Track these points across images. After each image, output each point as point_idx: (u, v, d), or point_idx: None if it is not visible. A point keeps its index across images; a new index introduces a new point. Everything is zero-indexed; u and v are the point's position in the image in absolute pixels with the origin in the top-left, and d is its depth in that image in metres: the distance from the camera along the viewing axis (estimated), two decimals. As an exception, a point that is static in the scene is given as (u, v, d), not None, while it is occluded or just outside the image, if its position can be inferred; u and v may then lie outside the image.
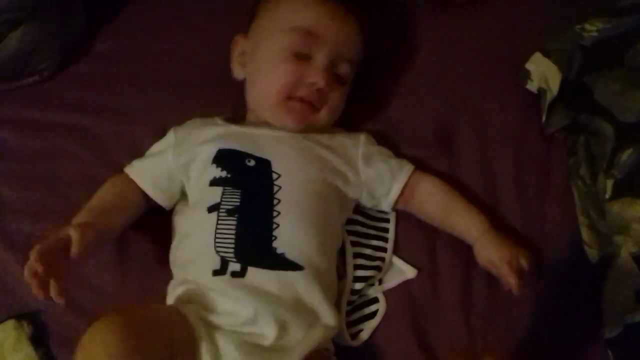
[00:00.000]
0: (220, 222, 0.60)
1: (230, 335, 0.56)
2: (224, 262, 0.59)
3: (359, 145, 0.69)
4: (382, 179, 0.68)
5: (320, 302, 0.60)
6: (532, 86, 0.77)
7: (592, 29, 0.75)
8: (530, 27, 0.81)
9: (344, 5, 0.68)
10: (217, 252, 0.59)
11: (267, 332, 0.57)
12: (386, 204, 0.70)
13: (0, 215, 0.68)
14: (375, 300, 0.68)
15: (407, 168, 0.70)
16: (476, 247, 0.66)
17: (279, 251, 0.60)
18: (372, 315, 0.67)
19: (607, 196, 0.69)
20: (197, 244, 0.61)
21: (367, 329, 0.66)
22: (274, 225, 0.60)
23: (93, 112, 0.75)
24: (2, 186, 0.70)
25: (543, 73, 0.76)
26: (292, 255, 0.60)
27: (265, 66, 0.67)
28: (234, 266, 0.59)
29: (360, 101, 0.75)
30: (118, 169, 0.70)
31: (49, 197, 0.70)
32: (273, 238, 0.60)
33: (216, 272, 0.59)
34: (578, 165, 0.74)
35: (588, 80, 0.73)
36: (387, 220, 0.72)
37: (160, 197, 0.66)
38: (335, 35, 0.67)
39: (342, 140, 0.70)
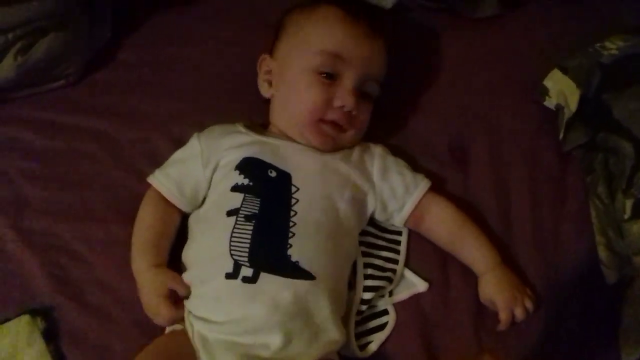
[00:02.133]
0: (237, 226, 0.61)
1: (230, 348, 0.57)
2: (237, 266, 0.59)
3: (374, 158, 0.70)
4: (395, 194, 0.68)
5: (327, 317, 0.60)
6: (550, 103, 0.77)
7: (612, 47, 0.75)
8: (548, 45, 0.81)
9: (369, 26, 0.70)
10: (232, 255, 0.60)
11: (272, 342, 0.57)
12: (398, 220, 0.69)
13: (21, 213, 0.70)
14: (385, 312, 0.67)
15: (422, 185, 0.69)
16: (481, 283, 0.67)
17: (293, 259, 0.60)
18: (382, 327, 0.66)
19: (626, 216, 0.68)
20: (212, 245, 0.61)
21: (376, 341, 0.65)
22: (290, 234, 0.61)
23: (113, 117, 0.77)
24: (24, 185, 0.71)
25: (561, 90, 0.75)
26: (305, 264, 0.60)
27: (295, 87, 0.68)
28: (246, 271, 0.59)
29: (376, 114, 0.75)
30: (135, 172, 0.72)
31: (67, 197, 0.71)
32: (288, 246, 0.60)
33: (229, 276, 0.59)
34: (595, 184, 0.73)
35: (607, 98, 0.73)
36: (399, 233, 0.71)
37: (186, 206, 0.66)
38: (361, 57, 0.68)
39: (358, 153, 0.70)
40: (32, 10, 0.72)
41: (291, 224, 0.61)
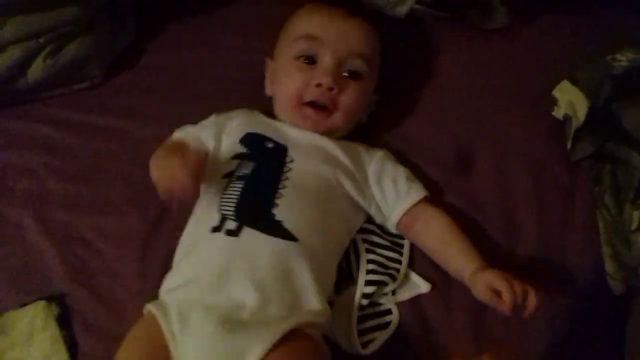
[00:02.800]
0: (229, 186, 0.64)
1: (207, 315, 0.56)
2: (223, 219, 0.62)
3: (372, 161, 0.71)
4: (386, 200, 0.69)
5: (308, 285, 0.60)
6: (559, 113, 0.77)
7: (623, 59, 0.75)
8: (558, 56, 0.81)
9: (346, 8, 0.72)
10: (220, 209, 0.63)
11: (247, 299, 0.57)
12: (390, 225, 0.70)
13: (43, 204, 0.73)
14: (388, 312, 0.68)
15: (414, 195, 0.69)
16: (472, 280, 0.63)
17: (277, 217, 0.62)
18: (385, 326, 0.67)
19: (633, 227, 0.68)
20: (204, 203, 0.65)
21: (379, 339, 0.66)
22: (278, 195, 0.63)
23: (134, 118, 0.80)
24: (46, 178, 0.75)
25: (570, 100, 0.75)
26: (289, 225, 0.61)
27: (279, 77, 0.72)
28: (231, 224, 0.61)
29: (382, 119, 0.77)
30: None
31: (87, 191, 0.75)
32: (274, 205, 0.62)
33: (214, 229, 0.61)
34: (603, 195, 0.72)
35: (616, 108, 0.72)
36: (402, 236, 0.72)
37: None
38: (337, 35, 0.70)
39: (359, 151, 0.72)
40: (62, 15, 0.77)
41: (281, 186, 0.64)
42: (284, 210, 0.62)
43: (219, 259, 0.60)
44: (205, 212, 0.64)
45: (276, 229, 0.61)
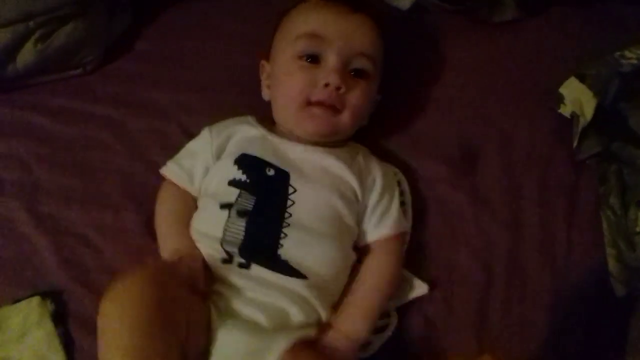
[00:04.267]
0: (230, 221, 0.62)
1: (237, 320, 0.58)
2: (230, 256, 0.61)
3: (375, 180, 0.68)
4: (370, 220, 0.67)
5: (322, 307, 0.61)
6: (565, 111, 0.75)
7: (632, 56, 0.74)
8: (566, 52, 0.80)
9: (349, 5, 0.68)
10: (224, 248, 0.61)
11: (260, 319, 0.58)
12: (361, 240, 0.67)
13: (35, 196, 0.71)
14: (386, 314, 0.67)
15: (384, 231, 0.66)
16: (327, 340, 0.61)
17: (282, 258, 0.61)
18: (382, 329, 0.66)
19: (638, 229, 0.67)
20: (206, 233, 0.63)
21: (376, 342, 0.66)
22: (282, 235, 0.61)
23: (128, 106, 0.77)
24: (39, 170, 0.73)
25: (577, 98, 0.74)
26: (296, 265, 0.61)
27: (280, 78, 0.68)
28: (240, 259, 0.61)
29: (387, 114, 0.75)
30: (145, 161, 0.73)
31: (81, 183, 0.72)
32: (279, 246, 0.61)
33: (225, 261, 0.61)
34: (608, 194, 0.72)
35: (624, 107, 0.72)
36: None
37: (197, 193, 0.68)
38: (341, 32, 0.66)
39: (362, 162, 0.69)
40: (54, -2, 0.73)
41: (285, 224, 0.61)
42: (289, 251, 0.61)
43: (236, 280, 0.60)
44: (209, 246, 0.62)
45: (284, 268, 0.60)
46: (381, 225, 0.67)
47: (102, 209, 0.71)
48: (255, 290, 0.60)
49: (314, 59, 0.66)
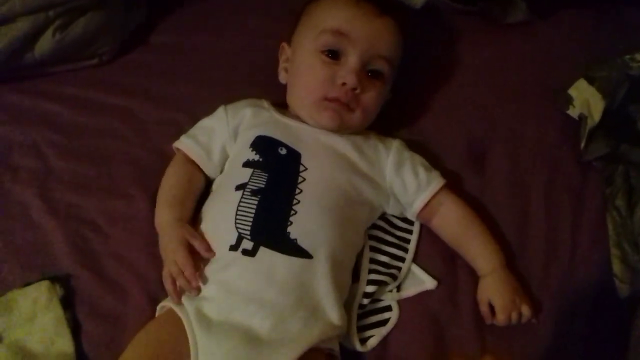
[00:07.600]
0: (243, 200, 0.63)
1: (230, 332, 0.57)
2: (239, 239, 0.61)
3: (390, 152, 0.70)
4: (407, 190, 0.69)
5: (326, 295, 0.61)
6: (574, 112, 0.76)
7: (642, 59, 0.74)
8: (576, 54, 0.81)
9: (377, 6, 0.69)
10: (237, 227, 0.62)
11: (262, 323, 0.58)
12: (410, 214, 0.70)
13: (47, 182, 0.72)
14: (388, 308, 0.68)
15: (435, 184, 0.69)
16: (482, 283, 0.67)
17: (292, 236, 0.61)
18: (384, 322, 0.67)
19: (643, 231, 0.68)
20: (220, 218, 0.64)
21: (377, 336, 0.66)
22: (292, 212, 0.62)
23: (142, 97, 0.79)
24: (51, 156, 0.74)
25: (586, 100, 0.75)
26: (304, 243, 0.61)
27: (300, 68, 0.70)
28: (247, 244, 0.61)
29: (396, 111, 0.76)
30: (158, 151, 0.74)
31: (93, 171, 0.73)
32: (289, 223, 0.61)
33: (232, 248, 0.61)
34: (614, 196, 0.72)
35: (632, 110, 0.72)
36: (410, 231, 0.72)
37: (213, 170, 0.69)
38: (366, 33, 0.67)
39: (374, 144, 0.71)
40: (77, -12, 0.75)
41: (295, 201, 0.63)
42: (298, 229, 0.61)
43: (237, 280, 0.60)
44: (222, 227, 0.63)
45: (291, 248, 0.61)
46: (422, 187, 0.69)
47: (114, 197, 0.72)
48: (253, 285, 0.59)
49: (334, 55, 0.68)
